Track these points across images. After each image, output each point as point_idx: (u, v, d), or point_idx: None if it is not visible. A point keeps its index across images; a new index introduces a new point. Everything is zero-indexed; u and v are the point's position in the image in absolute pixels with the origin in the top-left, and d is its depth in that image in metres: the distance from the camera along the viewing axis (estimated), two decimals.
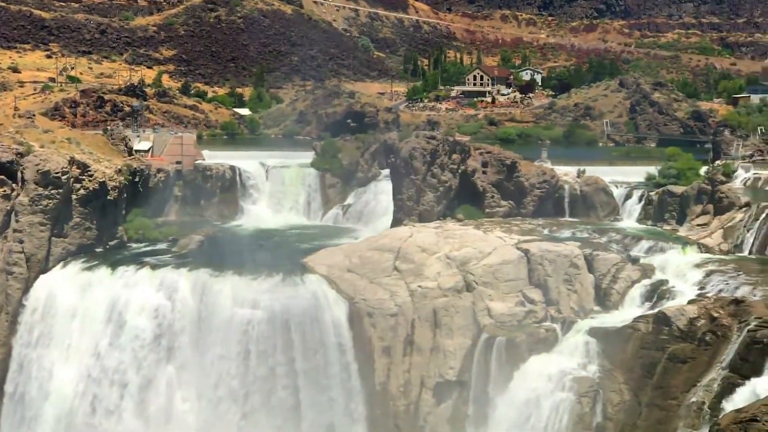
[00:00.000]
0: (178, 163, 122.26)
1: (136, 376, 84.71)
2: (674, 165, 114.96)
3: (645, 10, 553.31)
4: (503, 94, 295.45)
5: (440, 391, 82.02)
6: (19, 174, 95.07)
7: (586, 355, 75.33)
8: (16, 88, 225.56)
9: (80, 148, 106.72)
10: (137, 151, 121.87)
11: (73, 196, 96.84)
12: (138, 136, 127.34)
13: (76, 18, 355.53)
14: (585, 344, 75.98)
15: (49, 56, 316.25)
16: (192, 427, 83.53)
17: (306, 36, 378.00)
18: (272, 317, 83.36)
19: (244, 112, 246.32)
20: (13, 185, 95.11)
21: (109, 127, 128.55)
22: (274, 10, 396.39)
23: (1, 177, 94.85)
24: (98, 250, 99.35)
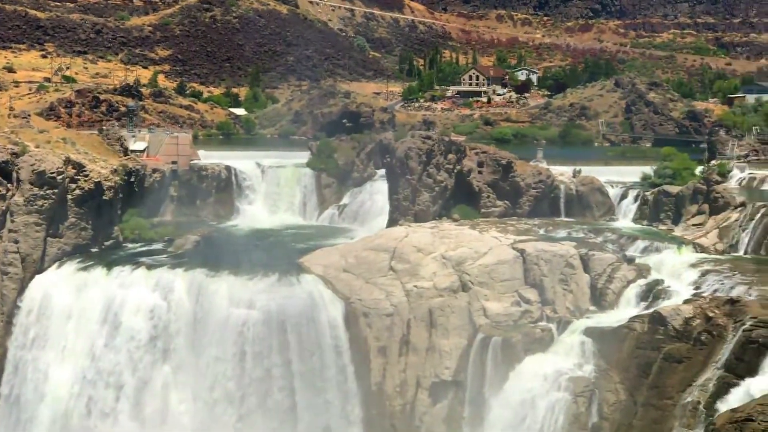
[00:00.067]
0: (174, 163, 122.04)
1: (132, 377, 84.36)
2: (670, 165, 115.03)
3: (640, 10, 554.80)
4: (499, 94, 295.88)
5: (436, 391, 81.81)
6: (15, 174, 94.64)
7: (582, 355, 75.26)
8: (12, 88, 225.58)
9: (76, 148, 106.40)
10: (133, 151, 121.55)
11: (69, 196, 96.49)
12: (133, 136, 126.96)
13: (72, 18, 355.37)
14: (581, 344, 75.89)
15: (44, 56, 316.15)
16: (188, 430, 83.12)
17: (301, 36, 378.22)
18: (268, 317, 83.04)
19: (240, 112, 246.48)
20: (8, 185, 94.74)
21: (104, 127, 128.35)
22: (270, 10, 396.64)
23: None
24: (94, 251, 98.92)
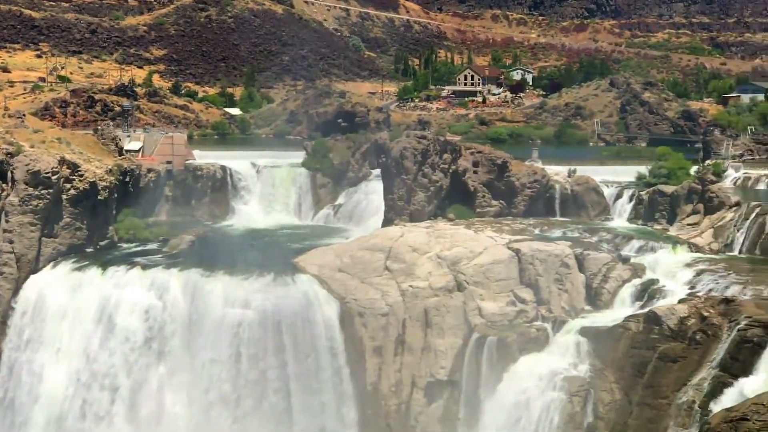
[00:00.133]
0: (169, 163, 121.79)
1: (127, 379, 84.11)
2: (665, 164, 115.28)
3: (635, 10, 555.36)
4: (494, 94, 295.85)
5: (431, 390, 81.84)
6: (9, 174, 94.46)
7: (577, 354, 75.40)
8: (6, 88, 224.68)
9: (70, 148, 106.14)
10: (128, 151, 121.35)
11: (64, 196, 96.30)
12: (128, 136, 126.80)
13: (67, 18, 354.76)
14: (576, 344, 76.02)
15: (39, 56, 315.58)
16: None
17: (297, 36, 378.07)
18: (263, 318, 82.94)
19: (235, 111, 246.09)
20: (3, 185, 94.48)
21: (99, 127, 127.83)
22: (265, 10, 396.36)
23: None
24: (89, 251, 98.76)
